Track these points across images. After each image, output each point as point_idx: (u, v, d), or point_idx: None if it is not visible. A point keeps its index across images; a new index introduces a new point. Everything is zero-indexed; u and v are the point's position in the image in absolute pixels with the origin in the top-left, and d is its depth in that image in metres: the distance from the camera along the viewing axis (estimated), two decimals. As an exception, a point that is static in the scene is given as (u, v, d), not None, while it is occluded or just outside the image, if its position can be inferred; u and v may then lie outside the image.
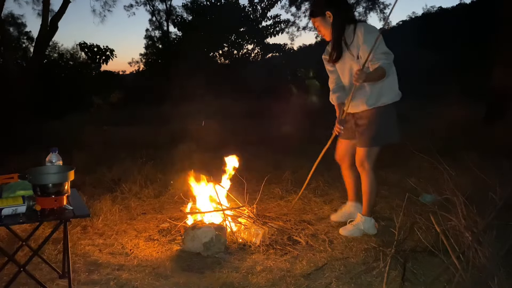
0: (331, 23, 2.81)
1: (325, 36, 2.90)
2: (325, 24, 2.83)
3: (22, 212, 2.03)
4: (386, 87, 2.83)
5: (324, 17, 2.81)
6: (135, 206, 3.81)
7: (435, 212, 2.45)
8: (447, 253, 2.16)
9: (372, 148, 2.90)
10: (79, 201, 2.31)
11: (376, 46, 2.63)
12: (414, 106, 9.68)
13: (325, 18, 2.81)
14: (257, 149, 6.12)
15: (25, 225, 2.84)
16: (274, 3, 18.46)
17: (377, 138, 2.87)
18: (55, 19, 10.28)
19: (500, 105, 7.44)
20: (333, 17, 2.78)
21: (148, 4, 22.96)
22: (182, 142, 5.86)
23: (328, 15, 2.79)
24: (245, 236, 3.01)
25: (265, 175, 4.08)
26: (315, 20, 2.86)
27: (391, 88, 2.87)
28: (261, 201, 3.82)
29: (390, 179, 4.46)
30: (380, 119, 2.85)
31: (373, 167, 2.94)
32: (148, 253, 2.81)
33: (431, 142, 3.78)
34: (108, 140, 6.99)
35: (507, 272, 2.04)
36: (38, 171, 2.15)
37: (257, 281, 2.37)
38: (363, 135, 2.90)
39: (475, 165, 3.08)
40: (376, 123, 2.85)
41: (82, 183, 4.35)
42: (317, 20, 2.84)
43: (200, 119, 7.20)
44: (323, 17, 2.81)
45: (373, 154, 2.91)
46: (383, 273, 2.30)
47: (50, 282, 2.36)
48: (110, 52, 14.85)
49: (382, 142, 2.91)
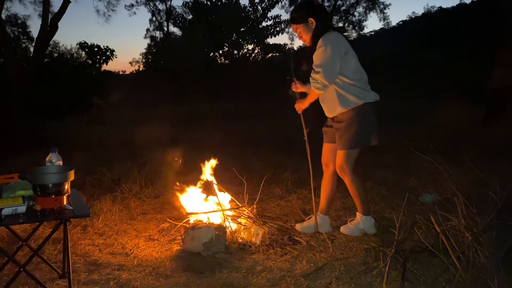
0: (313, 29, 2.85)
1: (306, 42, 2.94)
2: (307, 31, 2.87)
3: (22, 212, 2.03)
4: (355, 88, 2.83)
5: (307, 23, 2.85)
6: (135, 206, 3.81)
7: (435, 212, 2.45)
8: (447, 253, 2.16)
9: (350, 150, 2.88)
10: (79, 201, 2.31)
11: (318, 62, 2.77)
12: (413, 105, 9.72)
13: (307, 25, 2.86)
14: (257, 149, 6.12)
15: (25, 225, 2.84)
16: (274, 3, 18.46)
17: (357, 140, 2.86)
18: (55, 19, 10.28)
19: (500, 105, 7.45)
20: (315, 23, 2.83)
21: (148, 4, 23.02)
22: (181, 142, 5.86)
23: (311, 22, 2.84)
24: (245, 236, 3.01)
25: (265, 175, 4.08)
26: (297, 26, 2.90)
27: (361, 89, 2.84)
28: (261, 201, 3.82)
29: (390, 179, 4.47)
30: (359, 120, 2.84)
31: (352, 169, 2.91)
32: (148, 253, 2.81)
33: (431, 142, 3.77)
34: (108, 140, 6.99)
35: (507, 272, 2.04)
36: (38, 171, 2.15)
37: (257, 281, 2.37)
38: (342, 137, 2.89)
39: (475, 165, 3.08)
40: (355, 124, 2.84)
41: (82, 183, 4.36)
42: (300, 26, 2.88)
43: (200, 119, 7.20)
44: (306, 23, 2.86)
45: (352, 157, 2.90)
46: (383, 273, 2.29)
47: (50, 282, 2.36)
48: (110, 52, 14.84)
49: (362, 144, 2.89)
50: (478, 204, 2.38)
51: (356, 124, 2.84)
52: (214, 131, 6.69)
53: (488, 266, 2.02)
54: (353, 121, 2.84)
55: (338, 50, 2.76)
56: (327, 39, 2.75)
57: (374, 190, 4.11)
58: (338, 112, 2.89)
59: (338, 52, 2.75)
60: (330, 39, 2.75)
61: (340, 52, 2.77)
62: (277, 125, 8.02)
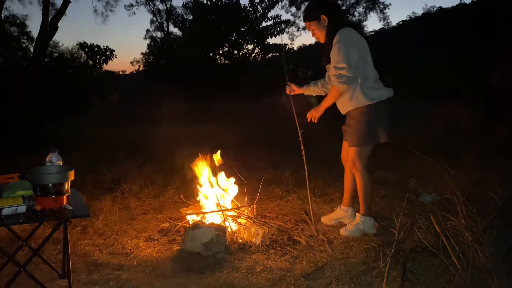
0: (326, 26, 2.91)
1: (320, 39, 3.00)
2: (320, 28, 2.93)
3: (22, 212, 2.03)
4: (366, 87, 2.87)
5: (319, 20, 2.91)
6: (135, 206, 3.81)
7: (435, 212, 2.45)
8: (447, 253, 2.16)
9: (362, 147, 2.93)
10: (79, 201, 2.31)
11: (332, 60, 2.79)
12: (413, 105, 9.70)
13: (320, 22, 2.91)
14: (257, 149, 6.12)
15: (25, 225, 2.84)
16: (274, 4, 18.48)
17: (366, 137, 2.90)
18: (55, 19, 10.28)
19: (500, 105, 7.44)
20: (327, 20, 2.89)
21: (148, 4, 23.03)
22: (181, 143, 5.86)
23: (323, 19, 2.89)
24: (245, 236, 3.01)
25: (265, 175, 4.08)
26: (310, 24, 2.96)
27: (371, 88, 2.88)
28: (261, 201, 3.82)
29: (390, 179, 4.47)
30: (368, 118, 2.88)
31: (366, 166, 2.96)
32: (148, 253, 2.81)
33: (431, 142, 3.77)
34: (108, 140, 6.99)
35: (507, 272, 2.03)
36: (38, 171, 2.15)
37: (257, 281, 2.37)
38: (352, 134, 2.96)
39: (475, 165, 3.08)
40: (365, 122, 2.89)
41: (82, 183, 4.35)
42: (313, 24, 2.94)
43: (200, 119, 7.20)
44: (318, 20, 2.91)
45: (364, 153, 2.95)
46: (383, 273, 2.29)
47: (50, 282, 2.35)
48: (110, 52, 14.87)
49: (372, 141, 2.93)
50: (478, 204, 2.38)
51: (365, 122, 2.89)
52: (214, 131, 6.69)
53: (488, 266, 2.02)
54: (363, 118, 2.89)
55: (356, 45, 2.81)
56: (343, 34, 2.80)
57: (374, 190, 4.10)
58: (350, 109, 2.95)
59: (356, 46, 2.81)
60: (346, 35, 2.80)
61: (358, 46, 2.82)
62: (277, 125, 8.00)
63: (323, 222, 3.33)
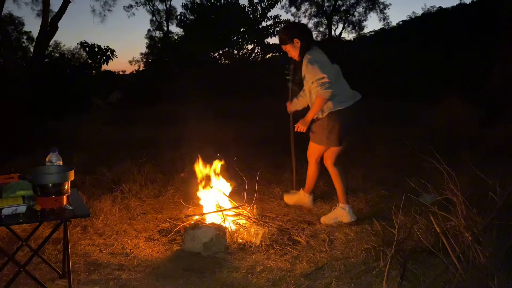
0: (299, 47, 3.28)
1: (295, 57, 3.37)
2: (294, 49, 3.31)
3: (22, 212, 2.03)
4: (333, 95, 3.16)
5: (292, 43, 3.30)
6: (135, 206, 3.81)
7: (435, 212, 2.45)
8: (447, 253, 2.16)
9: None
10: (79, 201, 2.31)
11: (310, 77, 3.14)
12: (413, 105, 9.70)
13: (293, 44, 3.30)
14: (257, 149, 6.12)
15: (25, 225, 2.84)
16: (274, 3, 18.45)
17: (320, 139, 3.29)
18: (55, 19, 10.28)
19: (500, 106, 7.44)
20: (300, 42, 3.27)
21: (148, 4, 23.03)
22: (181, 143, 5.86)
23: (296, 42, 3.27)
24: (245, 236, 3.01)
25: (265, 175, 4.08)
26: (285, 46, 3.34)
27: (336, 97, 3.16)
28: (261, 201, 3.82)
29: (390, 179, 4.46)
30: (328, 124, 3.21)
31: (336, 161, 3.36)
32: (148, 253, 2.81)
33: (431, 142, 3.77)
34: (108, 140, 6.98)
35: (507, 272, 2.03)
36: (38, 171, 2.15)
37: (257, 281, 2.37)
38: (311, 130, 3.36)
39: (475, 165, 3.07)
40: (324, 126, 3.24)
41: (82, 183, 4.35)
42: (287, 46, 3.33)
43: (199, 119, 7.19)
44: (292, 43, 3.29)
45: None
46: (383, 273, 2.29)
47: (50, 282, 2.36)
48: (110, 52, 14.85)
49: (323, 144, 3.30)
50: (478, 204, 2.38)
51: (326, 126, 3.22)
52: (214, 131, 6.68)
53: (488, 266, 2.02)
54: (324, 123, 3.23)
55: (324, 60, 3.21)
56: (311, 54, 3.19)
57: (374, 190, 4.11)
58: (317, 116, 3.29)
59: (324, 61, 3.20)
60: (314, 54, 3.20)
61: (325, 61, 3.20)
62: (277, 125, 8.00)
63: (323, 222, 3.35)
